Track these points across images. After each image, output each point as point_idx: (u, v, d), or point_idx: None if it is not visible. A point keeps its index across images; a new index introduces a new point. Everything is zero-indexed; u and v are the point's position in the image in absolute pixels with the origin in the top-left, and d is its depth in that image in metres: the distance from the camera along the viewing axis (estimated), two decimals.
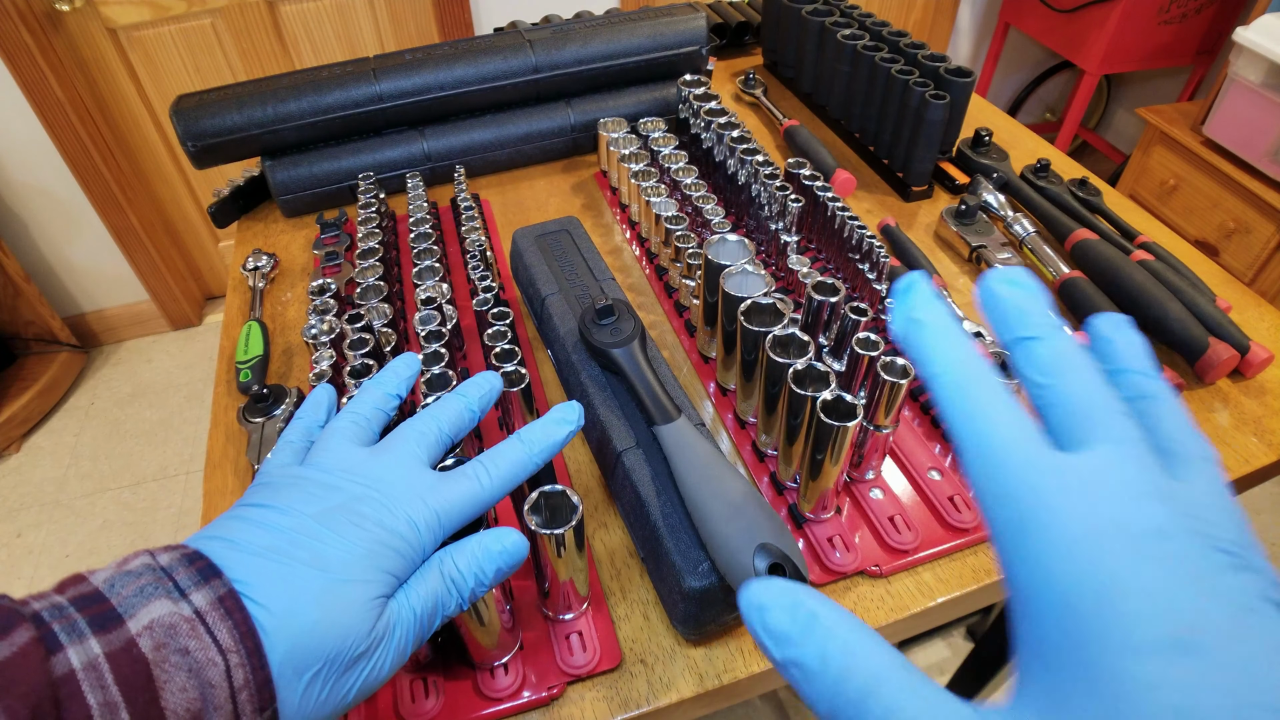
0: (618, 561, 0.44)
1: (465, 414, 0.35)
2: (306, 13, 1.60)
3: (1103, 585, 0.16)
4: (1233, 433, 0.50)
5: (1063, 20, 1.81)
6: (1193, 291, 0.55)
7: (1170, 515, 0.17)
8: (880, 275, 0.54)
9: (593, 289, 0.53)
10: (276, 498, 0.29)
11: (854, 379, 0.43)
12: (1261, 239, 1.42)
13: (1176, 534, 0.16)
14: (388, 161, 0.73)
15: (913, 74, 0.67)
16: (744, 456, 0.48)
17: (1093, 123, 2.31)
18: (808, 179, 0.59)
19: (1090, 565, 0.16)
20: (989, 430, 0.19)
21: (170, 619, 0.23)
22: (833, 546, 0.42)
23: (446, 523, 0.30)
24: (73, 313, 1.84)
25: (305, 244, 0.71)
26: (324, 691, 0.26)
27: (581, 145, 0.79)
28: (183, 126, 0.67)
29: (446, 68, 0.71)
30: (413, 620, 0.28)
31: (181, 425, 1.70)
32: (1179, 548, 0.16)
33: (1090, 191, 0.68)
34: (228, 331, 0.62)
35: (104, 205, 1.67)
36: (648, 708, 0.37)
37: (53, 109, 1.52)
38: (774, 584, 0.19)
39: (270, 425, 0.52)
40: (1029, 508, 0.17)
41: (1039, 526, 0.17)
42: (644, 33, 0.76)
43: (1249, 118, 1.38)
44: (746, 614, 0.19)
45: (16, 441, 1.65)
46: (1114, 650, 0.15)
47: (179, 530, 1.50)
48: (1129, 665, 0.15)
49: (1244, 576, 0.16)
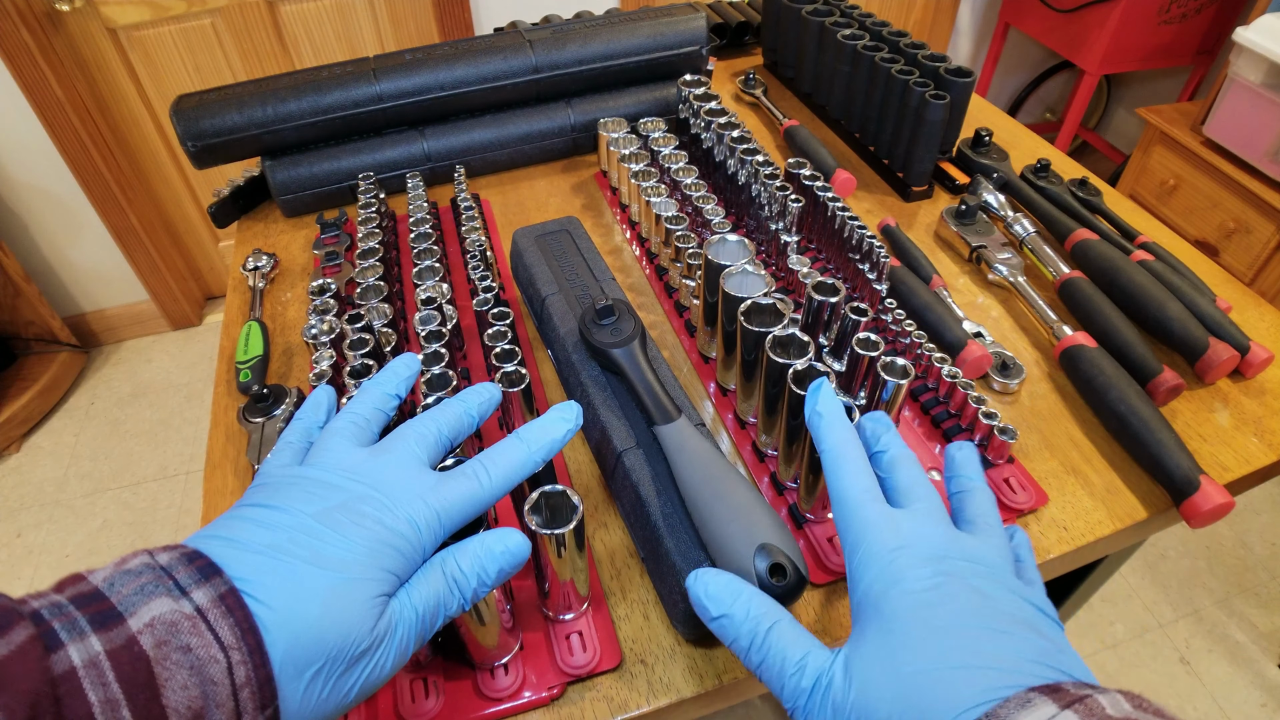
0: (618, 561, 0.44)
1: (465, 418, 0.35)
2: (306, 13, 1.60)
3: (894, 575, 0.28)
4: (1233, 433, 0.50)
5: (1063, 20, 1.81)
6: (1193, 291, 0.55)
7: (941, 548, 0.29)
8: (880, 275, 0.54)
9: (593, 289, 0.53)
10: (276, 497, 0.29)
11: (854, 379, 0.43)
12: (1261, 239, 1.42)
13: (942, 556, 0.29)
14: (388, 161, 0.73)
15: (913, 74, 0.67)
16: (744, 456, 0.48)
17: (1093, 123, 2.31)
18: (808, 179, 0.59)
19: (889, 565, 0.29)
20: (848, 487, 0.32)
21: (171, 616, 0.23)
22: (833, 547, 0.42)
23: (447, 522, 0.30)
24: (73, 313, 1.84)
25: (305, 244, 0.71)
26: (325, 689, 0.26)
27: (581, 145, 0.79)
28: (183, 126, 0.67)
29: (446, 68, 0.71)
30: (414, 619, 0.28)
31: (181, 425, 1.70)
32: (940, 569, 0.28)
33: (1090, 191, 0.68)
34: (228, 331, 0.62)
35: (104, 205, 1.67)
36: (648, 708, 0.37)
37: (53, 109, 1.52)
38: (708, 570, 0.32)
39: (270, 425, 0.52)
40: (862, 532, 0.30)
41: (868, 542, 0.30)
42: (644, 33, 0.76)
43: (1249, 118, 1.38)
44: (691, 587, 0.31)
45: (16, 441, 1.65)
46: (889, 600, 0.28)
47: (179, 530, 1.50)
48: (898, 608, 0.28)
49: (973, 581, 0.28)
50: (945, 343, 0.53)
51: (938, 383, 0.49)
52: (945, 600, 0.27)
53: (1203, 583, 1.35)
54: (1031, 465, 0.48)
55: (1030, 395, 0.53)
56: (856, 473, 0.32)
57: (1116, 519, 0.45)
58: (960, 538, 0.30)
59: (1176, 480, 0.44)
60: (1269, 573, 1.36)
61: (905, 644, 0.26)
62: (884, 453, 0.34)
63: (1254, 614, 1.30)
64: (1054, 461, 0.48)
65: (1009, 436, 0.45)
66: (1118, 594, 1.34)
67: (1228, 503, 0.43)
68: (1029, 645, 0.26)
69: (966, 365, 0.52)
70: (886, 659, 0.26)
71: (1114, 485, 0.47)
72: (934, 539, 0.29)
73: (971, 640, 0.26)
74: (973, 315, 0.59)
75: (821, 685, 0.27)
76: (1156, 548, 1.41)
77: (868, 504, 0.31)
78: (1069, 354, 0.52)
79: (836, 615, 0.41)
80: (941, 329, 0.53)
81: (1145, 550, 1.40)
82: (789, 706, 0.28)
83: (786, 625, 0.29)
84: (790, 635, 0.29)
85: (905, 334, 0.51)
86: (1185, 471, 0.44)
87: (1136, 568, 1.38)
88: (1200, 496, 0.43)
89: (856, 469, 0.32)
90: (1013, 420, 0.51)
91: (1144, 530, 0.47)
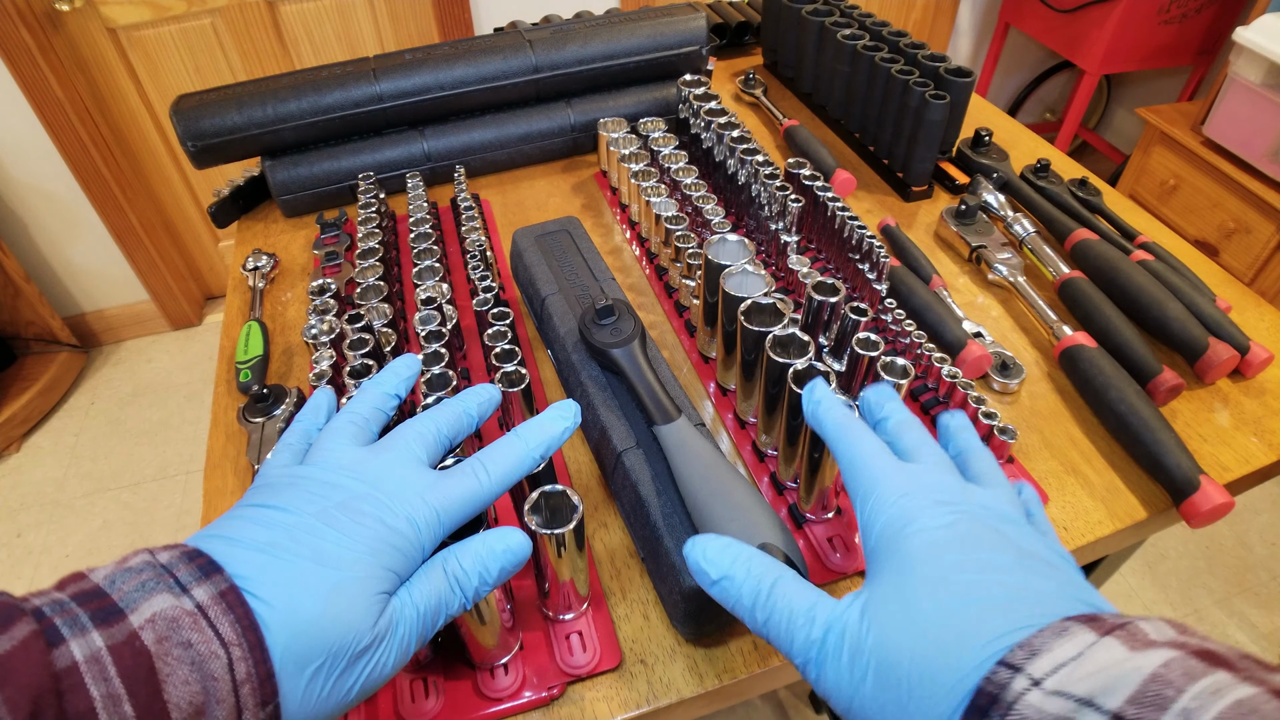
0: (618, 561, 0.44)
1: (464, 418, 0.35)
2: (306, 13, 1.60)
3: (908, 515, 0.27)
4: (1233, 433, 0.50)
5: (1063, 20, 1.81)
6: (1193, 291, 0.55)
7: (953, 494, 0.29)
8: (880, 275, 0.54)
9: (593, 289, 0.53)
10: (276, 497, 0.29)
11: (854, 379, 0.43)
12: (1261, 239, 1.42)
13: (954, 501, 0.28)
14: (388, 161, 0.73)
15: (913, 74, 0.67)
16: (744, 456, 0.48)
17: (1093, 123, 2.31)
18: (808, 179, 0.59)
19: (902, 508, 0.28)
20: (855, 451, 0.31)
21: (172, 612, 0.23)
22: (833, 547, 0.42)
23: (446, 520, 0.30)
24: (73, 313, 1.84)
25: (305, 244, 0.71)
26: (326, 687, 0.26)
27: (581, 145, 0.79)
28: (183, 126, 0.67)
29: (446, 68, 0.71)
30: (415, 618, 0.28)
31: (181, 425, 1.70)
32: (954, 510, 0.27)
33: (1090, 191, 0.68)
34: (228, 331, 0.62)
35: (104, 205, 1.67)
36: (648, 708, 0.37)
37: (53, 109, 1.52)
38: (706, 535, 0.31)
39: (270, 425, 0.52)
40: (873, 482, 0.29)
41: (879, 490, 0.29)
42: (644, 33, 0.76)
43: (1249, 118, 1.38)
44: (689, 554, 0.30)
45: (16, 441, 1.65)
46: (904, 539, 0.27)
47: (179, 530, 1.50)
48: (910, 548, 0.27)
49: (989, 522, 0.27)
50: (945, 343, 0.53)
51: (938, 383, 0.49)
52: (964, 538, 0.26)
53: (1203, 583, 1.35)
54: (1031, 465, 0.48)
55: (1030, 395, 0.53)
56: (861, 437, 0.32)
57: (1116, 519, 0.45)
58: (970, 488, 0.29)
59: (1176, 480, 0.44)
60: (1269, 573, 1.36)
61: (925, 580, 0.25)
62: (888, 419, 0.33)
63: (1254, 614, 1.30)
64: (1054, 461, 0.48)
65: (1009, 436, 0.45)
66: (1118, 594, 1.34)
67: (1228, 503, 0.43)
68: (1057, 579, 0.25)
69: (966, 365, 0.52)
70: (906, 597, 0.25)
71: (1114, 485, 0.47)
72: (946, 485, 0.29)
73: (996, 574, 0.25)
74: (973, 315, 0.59)
75: (835, 631, 0.26)
76: (1156, 548, 1.41)
77: (876, 457, 0.30)
78: (1069, 354, 0.52)
79: None
80: (941, 329, 0.53)
81: (1145, 550, 1.40)
82: (800, 661, 0.27)
83: (790, 579, 0.28)
84: (795, 587, 0.28)
85: (905, 334, 0.51)
86: (1185, 471, 0.44)
87: (1136, 568, 1.38)
88: (1200, 496, 0.43)
89: (861, 434, 0.32)
90: (1013, 420, 0.51)
91: (1144, 530, 0.47)
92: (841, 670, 0.25)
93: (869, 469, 0.30)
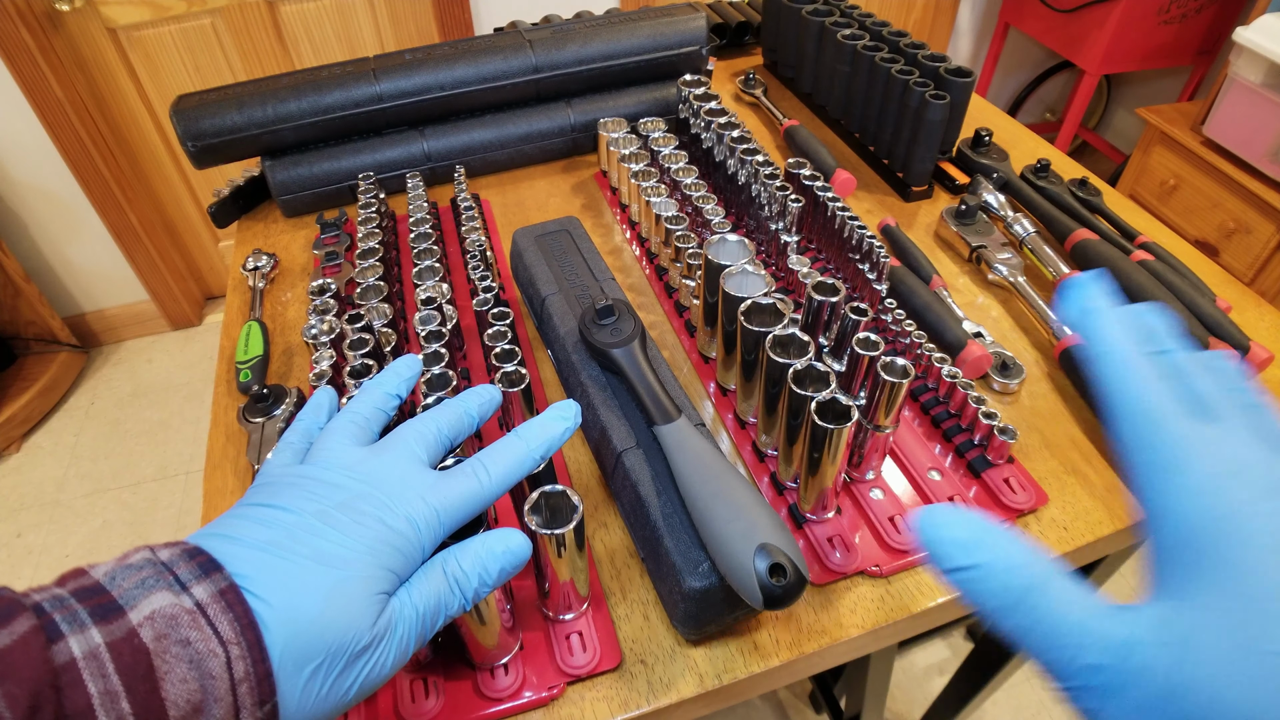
0: (618, 561, 0.44)
1: (464, 418, 0.35)
2: (306, 13, 1.60)
3: (1229, 514, 0.20)
4: None
5: (1063, 20, 1.81)
6: (1193, 291, 0.55)
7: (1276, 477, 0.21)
8: (880, 275, 0.54)
9: (593, 289, 0.53)
10: (277, 496, 0.29)
11: (854, 379, 0.43)
12: (1261, 239, 1.42)
13: None
14: (388, 161, 0.73)
15: (913, 74, 0.67)
16: (744, 456, 0.48)
17: (1093, 123, 2.31)
18: (808, 179, 0.59)
19: (1216, 500, 0.21)
20: (1143, 396, 0.23)
21: (171, 610, 0.23)
22: (833, 546, 0.42)
23: (446, 521, 0.30)
24: (73, 313, 1.84)
25: (305, 244, 0.71)
26: (325, 686, 0.26)
27: (581, 145, 0.79)
28: (183, 126, 0.67)
29: (446, 68, 0.71)
30: (415, 618, 0.28)
31: (181, 425, 1.70)
32: None
33: (1090, 191, 0.68)
34: (228, 331, 0.62)
35: (104, 205, 1.67)
36: (648, 708, 0.37)
37: (53, 109, 1.52)
38: (945, 506, 0.23)
39: (270, 425, 0.52)
40: (1170, 455, 0.22)
41: (1178, 469, 0.22)
42: (644, 33, 0.76)
43: (1249, 118, 1.38)
44: (925, 529, 0.23)
45: (16, 441, 1.65)
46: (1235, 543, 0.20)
47: (179, 530, 1.50)
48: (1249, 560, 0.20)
49: None
50: (945, 343, 0.53)
51: (938, 383, 0.49)
52: None
53: None
54: (1031, 465, 0.48)
55: (1030, 395, 0.53)
56: (1146, 377, 0.24)
57: (1116, 519, 0.45)
58: None
59: None
60: None
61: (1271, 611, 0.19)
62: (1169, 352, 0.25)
63: None
64: (1054, 461, 0.48)
65: (1009, 437, 0.45)
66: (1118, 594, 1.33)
67: None
68: None
69: (966, 365, 0.52)
70: (1241, 629, 0.19)
71: (1114, 485, 0.47)
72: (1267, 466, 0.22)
73: None
74: (973, 315, 0.59)
75: (1127, 662, 0.20)
76: None
77: (1175, 416, 0.23)
78: (1069, 354, 0.52)
79: (836, 615, 0.41)
80: (941, 329, 0.53)
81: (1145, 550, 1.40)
82: (1065, 686, 0.21)
83: (1058, 580, 0.22)
84: (1064, 595, 0.22)
85: (905, 334, 0.51)
86: None
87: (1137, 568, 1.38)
88: None
89: (1144, 373, 0.24)
90: (1013, 420, 0.51)
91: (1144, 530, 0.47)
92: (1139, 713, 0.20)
93: (1166, 429, 0.23)
